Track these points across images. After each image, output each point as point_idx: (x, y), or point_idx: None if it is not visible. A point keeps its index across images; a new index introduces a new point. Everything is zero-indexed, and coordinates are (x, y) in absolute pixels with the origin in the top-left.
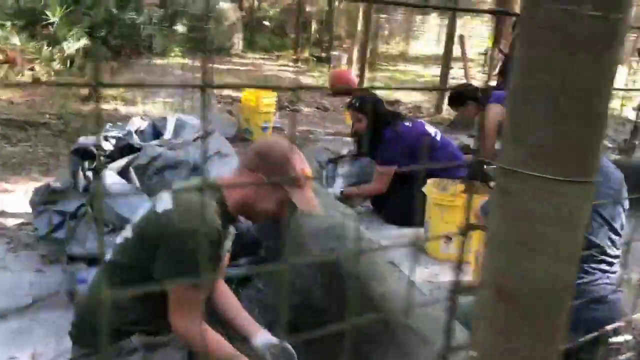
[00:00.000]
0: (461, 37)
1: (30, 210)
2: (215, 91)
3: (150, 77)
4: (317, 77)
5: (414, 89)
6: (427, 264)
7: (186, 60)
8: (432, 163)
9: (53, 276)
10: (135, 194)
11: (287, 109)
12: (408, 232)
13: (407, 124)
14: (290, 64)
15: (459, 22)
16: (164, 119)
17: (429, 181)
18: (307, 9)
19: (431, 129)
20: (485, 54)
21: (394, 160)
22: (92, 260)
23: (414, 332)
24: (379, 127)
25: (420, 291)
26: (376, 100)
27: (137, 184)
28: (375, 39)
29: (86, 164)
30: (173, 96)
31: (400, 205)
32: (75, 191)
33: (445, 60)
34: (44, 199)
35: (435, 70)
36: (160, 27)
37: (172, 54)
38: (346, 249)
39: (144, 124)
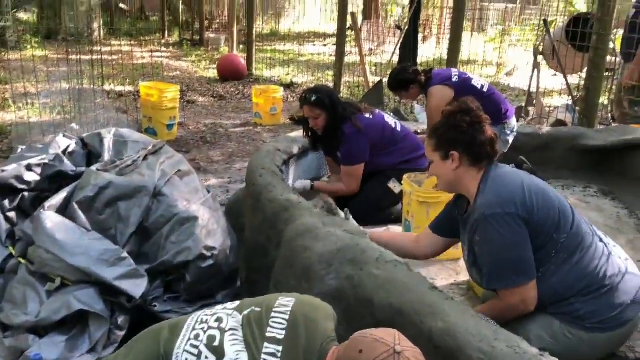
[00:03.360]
0: (353, 14)
1: None
2: (104, 86)
3: (14, 75)
4: (196, 62)
5: None
6: (416, 266)
7: (46, 52)
8: (398, 155)
9: None
10: (85, 235)
11: (182, 101)
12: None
13: (367, 115)
14: (163, 49)
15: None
16: (97, 136)
17: (405, 176)
18: None
19: (391, 120)
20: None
21: (360, 158)
22: (39, 329)
23: None
24: (337, 123)
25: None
26: (333, 92)
27: (86, 222)
28: (252, 18)
29: (6, 202)
30: (52, 97)
31: (366, 203)
32: None
33: (340, 38)
34: None
35: (322, 49)
36: (12, 16)
37: (29, 47)
38: (369, 275)
39: (71, 144)
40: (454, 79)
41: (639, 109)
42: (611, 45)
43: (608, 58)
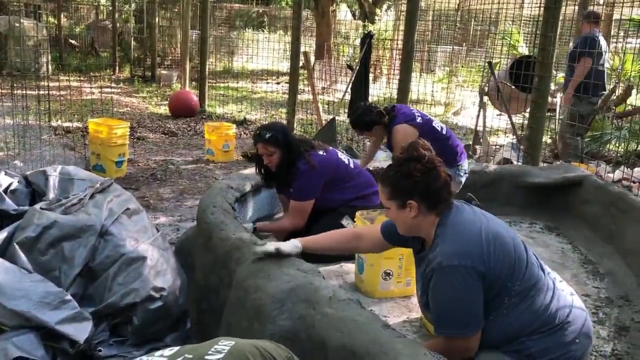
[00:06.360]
0: (305, 53)
1: None
2: (51, 122)
3: None
4: (147, 98)
5: None
6: (367, 304)
7: None
8: (351, 192)
9: None
10: (27, 277)
11: (132, 138)
12: (334, 270)
13: (320, 152)
14: (113, 85)
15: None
16: (42, 173)
17: (358, 213)
18: (118, 24)
19: (344, 157)
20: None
21: (311, 195)
22: None
23: None
24: (291, 160)
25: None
26: (286, 129)
27: (27, 263)
28: (205, 54)
29: None
30: None
31: None
32: None
33: (293, 76)
34: None
35: (275, 87)
36: None
37: None
38: (322, 314)
39: (13, 182)
40: (418, 120)
41: (581, 139)
42: (552, 86)
43: (549, 99)
